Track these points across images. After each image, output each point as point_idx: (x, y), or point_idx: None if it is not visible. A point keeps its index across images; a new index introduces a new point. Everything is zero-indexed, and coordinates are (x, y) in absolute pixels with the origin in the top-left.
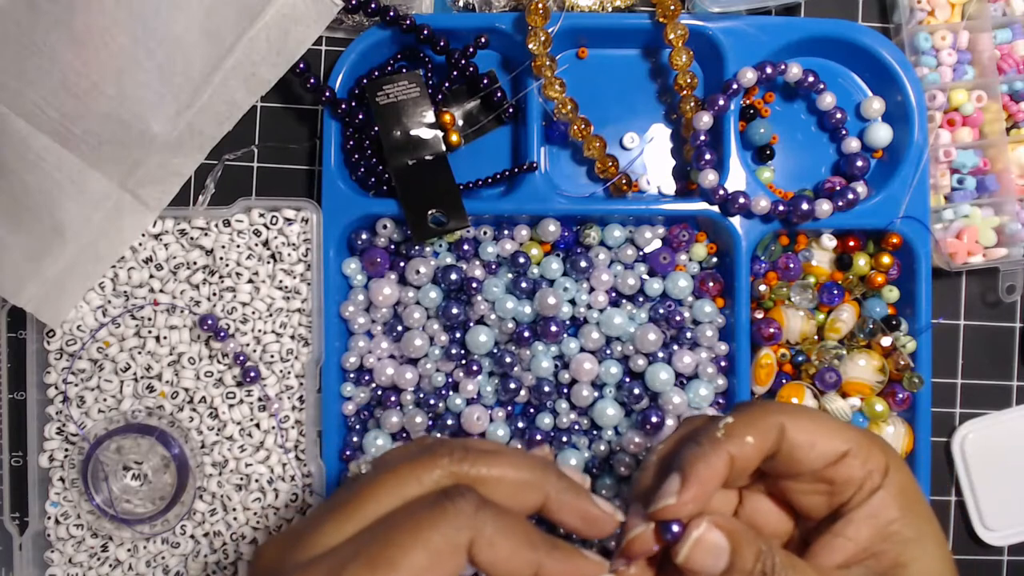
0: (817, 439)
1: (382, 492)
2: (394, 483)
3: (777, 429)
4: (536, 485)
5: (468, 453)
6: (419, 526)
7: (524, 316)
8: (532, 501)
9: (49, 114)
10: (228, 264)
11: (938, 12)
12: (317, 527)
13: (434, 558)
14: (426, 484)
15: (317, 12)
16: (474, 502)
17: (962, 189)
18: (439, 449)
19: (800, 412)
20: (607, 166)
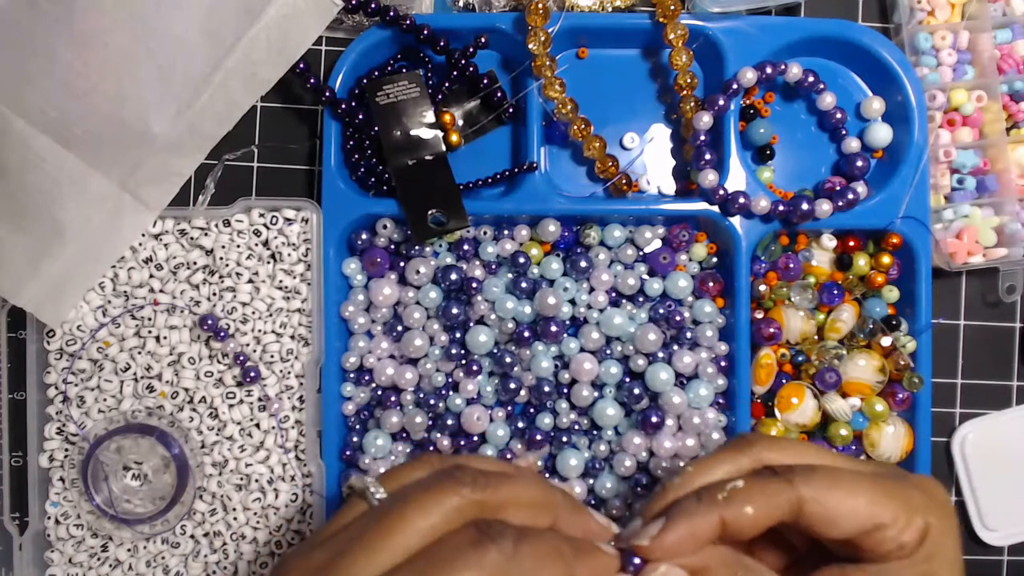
0: (842, 515)
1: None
2: (421, 514)
3: (791, 504)
4: (548, 506)
5: (489, 480)
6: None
7: (524, 316)
8: (545, 521)
9: (49, 114)
10: (228, 264)
11: (938, 12)
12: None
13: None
14: (451, 515)
15: (317, 12)
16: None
17: (962, 189)
18: (458, 476)
19: (828, 481)
20: (607, 166)
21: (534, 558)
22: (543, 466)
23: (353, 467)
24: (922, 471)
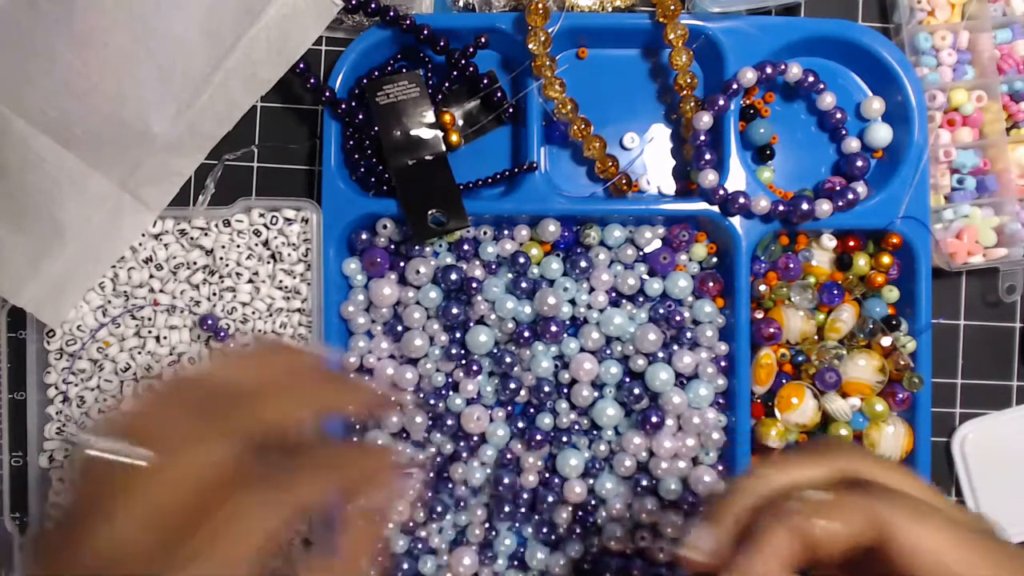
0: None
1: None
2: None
3: (879, 528)
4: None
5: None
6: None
7: (524, 316)
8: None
9: (49, 114)
10: (228, 264)
11: (938, 12)
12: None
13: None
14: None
15: (317, 12)
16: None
17: (962, 189)
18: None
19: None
20: (607, 166)
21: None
22: (543, 466)
23: None
24: (922, 471)
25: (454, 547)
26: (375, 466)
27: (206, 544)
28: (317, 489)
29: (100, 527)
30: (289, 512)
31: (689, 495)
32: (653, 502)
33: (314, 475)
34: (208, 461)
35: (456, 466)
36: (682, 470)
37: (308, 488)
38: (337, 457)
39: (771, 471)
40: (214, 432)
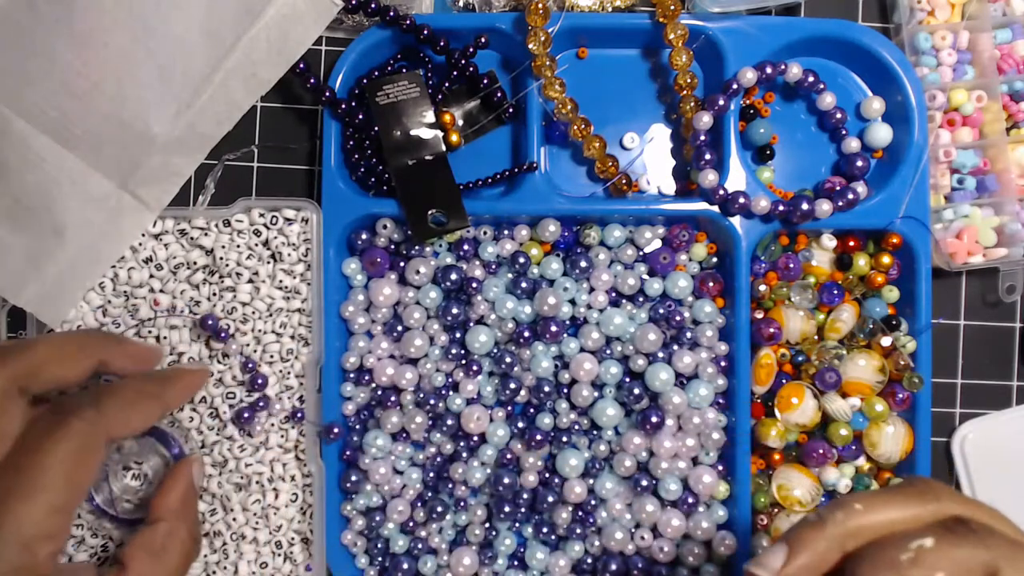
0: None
1: None
2: None
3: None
4: (84, 347)
5: (11, 350)
6: (55, 442)
7: (524, 316)
8: (88, 364)
9: (49, 114)
10: (228, 264)
11: (938, 12)
12: None
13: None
14: None
15: (317, 12)
16: (89, 403)
17: (962, 189)
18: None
19: None
20: (607, 166)
21: (121, 408)
22: (543, 466)
23: (353, 467)
24: (922, 471)
25: (454, 547)
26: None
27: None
28: (130, 419)
29: None
30: (98, 448)
31: (689, 495)
32: (653, 502)
33: (125, 404)
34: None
35: (456, 466)
36: (682, 470)
37: (120, 419)
38: (150, 383)
39: (863, 507)
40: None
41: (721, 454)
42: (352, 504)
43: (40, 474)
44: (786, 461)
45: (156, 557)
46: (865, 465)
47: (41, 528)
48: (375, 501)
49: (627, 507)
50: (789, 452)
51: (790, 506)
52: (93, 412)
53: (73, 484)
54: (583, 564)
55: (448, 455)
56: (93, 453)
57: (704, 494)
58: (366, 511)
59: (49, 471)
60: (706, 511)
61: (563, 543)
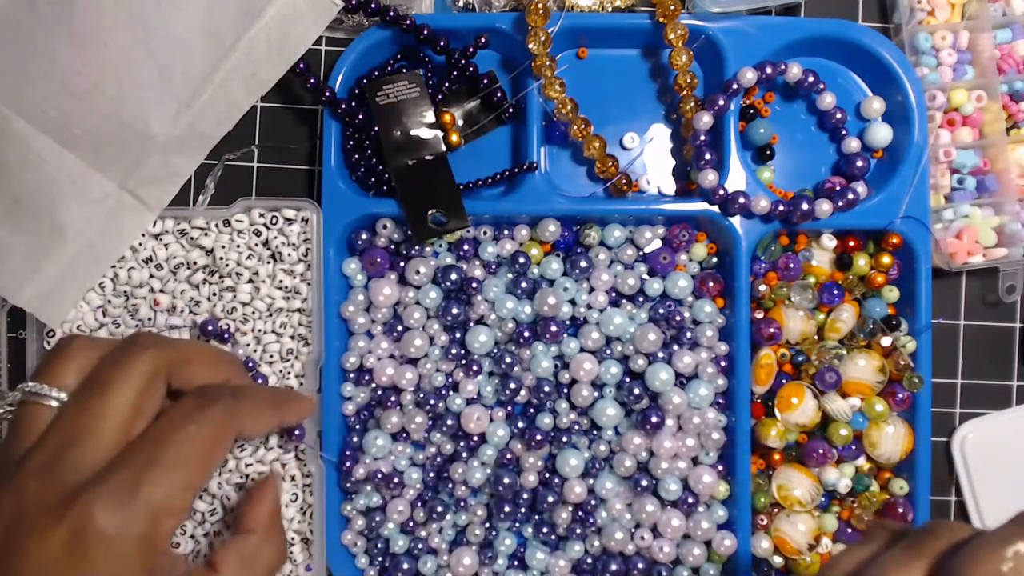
0: None
1: (117, 399)
2: (121, 388)
3: None
4: (225, 362)
5: (168, 340)
6: (195, 423)
7: (524, 316)
8: (223, 376)
9: (49, 114)
10: (228, 264)
11: (938, 12)
12: (75, 457)
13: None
14: (147, 379)
15: (317, 12)
16: (230, 396)
17: (962, 189)
18: (141, 342)
19: None
20: (607, 166)
21: (251, 410)
22: (543, 466)
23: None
24: (922, 471)
25: (454, 547)
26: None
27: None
28: (258, 420)
29: (67, 454)
30: (228, 436)
31: (689, 495)
32: (653, 502)
33: (259, 407)
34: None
35: (456, 466)
36: (682, 470)
37: (253, 418)
38: (277, 395)
39: None
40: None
41: (721, 454)
42: (352, 504)
43: (179, 450)
44: (786, 461)
45: (246, 566)
46: (865, 465)
47: (171, 501)
48: (375, 501)
49: (627, 507)
50: (789, 452)
51: (790, 506)
52: (233, 406)
53: (205, 466)
54: (583, 564)
55: (448, 455)
56: (225, 442)
57: (704, 494)
58: (366, 511)
59: (188, 448)
60: (706, 511)
61: (563, 543)
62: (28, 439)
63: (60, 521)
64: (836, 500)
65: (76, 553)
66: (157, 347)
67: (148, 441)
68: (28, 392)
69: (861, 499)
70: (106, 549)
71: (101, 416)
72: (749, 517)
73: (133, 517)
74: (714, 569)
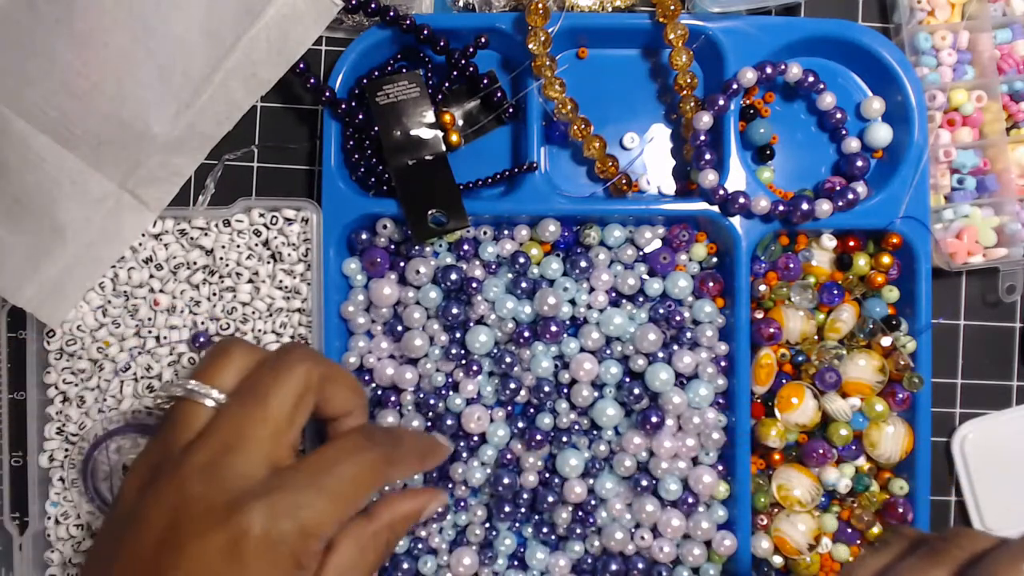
0: None
1: (278, 405)
2: (281, 393)
3: None
4: (359, 390)
5: (319, 355)
6: (354, 462)
7: (524, 316)
8: (359, 401)
9: (49, 114)
10: (228, 264)
11: (938, 12)
12: (238, 454)
13: (359, 488)
14: (301, 387)
15: (317, 12)
16: (390, 440)
17: (962, 189)
18: (299, 350)
19: None
20: (607, 166)
21: (404, 458)
22: (543, 466)
23: None
24: (922, 471)
25: (454, 547)
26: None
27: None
28: (406, 468)
29: (228, 459)
30: (382, 479)
31: (689, 495)
32: (653, 502)
33: (410, 456)
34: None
35: (456, 466)
36: (682, 470)
37: (403, 466)
38: (424, 445)
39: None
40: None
41: (721, 454)
42: None
43: (338, 483)
44: (786, 461)
45: (360, 551)
46: (865, 465)
47: (320, 527)
48: None
49: (627, 507)
50: (789, 452)
51: (790, 506)
52: (391, 454)
53: (355, 503)
54: (583, 564)
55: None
56: (377, 485)
57: (704, 494)
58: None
59: (347, 484)
60: (706, 511)
61: (563, 543)
62: (187, 435)
63: (222, 526)
64: (836, 500)
65: (233, 558)
66: (314, 360)
67: (313, 467)
68: (189, 390)
69: (861, 499)
70: (260, 559)
71: (261, 423)
72: (749, 517)
73: (288, 534)
74: (714, 569)
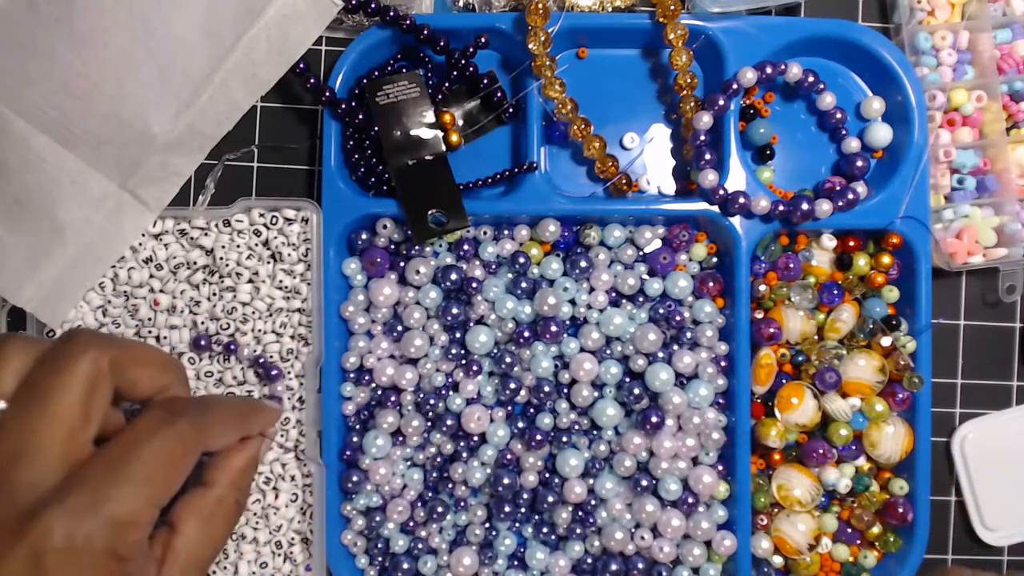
0: None
1: (62, 405)
2: (64, 394)
3: None
4: (168, 366)
5: (111, 339)
6: (163, 438)
7: (524, 316)
8: (166, 379)
9: (49, 114)
10: (228, 264)
11: (938, 12)
12: (22, 473)
13: (169, 465)
14: (90, 382)
15: (317, 12)
16: (197, 408)
17: (962, 189)
18: (82, 340)
19: None
20: (607, 166)
21: (218, 423)
22: (543, 466)
23: (353, 467)
24: (922, 471)
25: (454, 547)
26: (269, 420)
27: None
28: (223, 433)
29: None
30: (195, 449)
31: (689, 495)
32: (653, 502)
33: (226, 419)
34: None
35: (456, 466)
36: (682, 470)
37: (218, 431)
38: (241, 407)
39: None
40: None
41: (721, 454)
42: (352, 504)
43: (143, 466)
44: (786, 461)
45: (206, 523)
46: (865, 465)
47: (136, 516)
48: (375, 501)
49: (627, 507)
50: (789, 452)
51: (790, 506)
52: (200, 420)
53: (170, 480)
54: (583, 564)
55: (448, 455)
56: (191, 456)
57: (704, 494)
58: (366, 511)
59: (154, 465)
60: (706, 511)
61: (563, 543)
62: None
63: (20, 543)
64: (836, 500)
65: (39, 573)
66: (99, 346)
67: (111, 456)
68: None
69: (861, 499)
70: (70, 566)
71: (48, 426)
72: (749, 517)
73: (95, 534)
74: (714, 569)
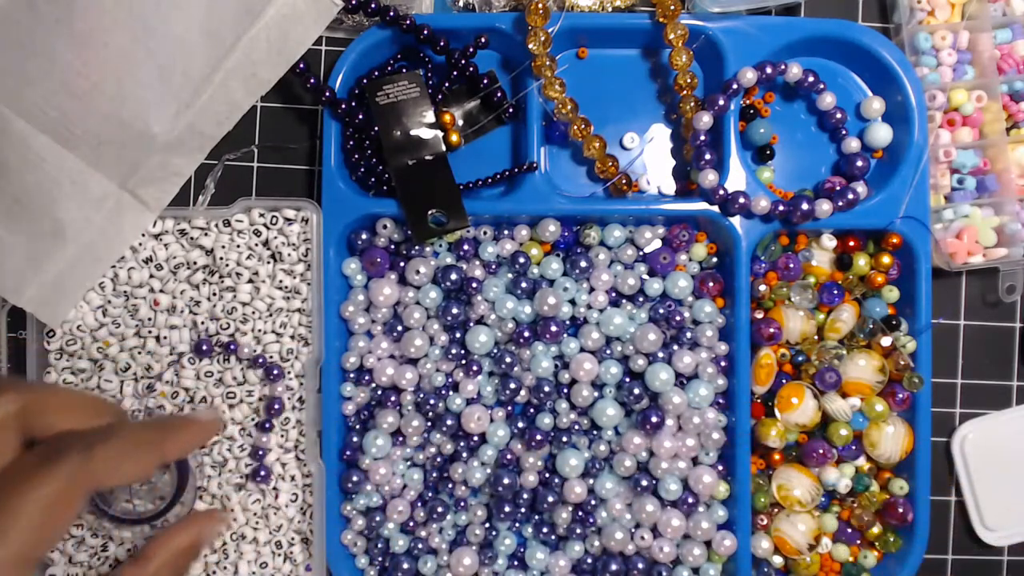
0: None
1: None
2: None
3: None
4: (91, 407)
5: (26, 385)
6: (39, 484)
7: (524, 316)
8: (93, 421)
9: (49, 114)
10: (228, 264)
11: (938, 12)
12: None
13: (50, 511)
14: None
15: (317, 12)
16: (79, 448)
17: (962, 189)
18: None
19: None
20: (607, 166)
21: (112, 456)
22: (543, 466)
23: (353, 467)
24: (922, 471)
25: (454, 547)
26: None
27: None
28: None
29: None
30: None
31: (689, 495)
32: (653, 502)
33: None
34: None
35: (456, 466)
36: (682, 470)
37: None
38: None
39: None
40: None
41: (721, 454)
42: (352, 504)
43: (12, 521)
44: (786, 461)
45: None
46: (865, 465)
47: (5, 571)
48: (375, 501)
49: (627, 507)
50: (789, 452)
51: (790, 506)
52: (80, 459)
53: (48, 531)
54: (583, 564)
55: (448, 455)
56: (71, 504)
57: (704, 494)
58: (366, 511)
59: (22, 519)
60: (706, 511)
61: (563, 543)
62: None
63: None
64: (836, 500)
65: None
66: (5, 393)
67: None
68: None
69: (861, 499)
70: None
71: None
72: (749, 517)
73: None
74: (714, 569)
